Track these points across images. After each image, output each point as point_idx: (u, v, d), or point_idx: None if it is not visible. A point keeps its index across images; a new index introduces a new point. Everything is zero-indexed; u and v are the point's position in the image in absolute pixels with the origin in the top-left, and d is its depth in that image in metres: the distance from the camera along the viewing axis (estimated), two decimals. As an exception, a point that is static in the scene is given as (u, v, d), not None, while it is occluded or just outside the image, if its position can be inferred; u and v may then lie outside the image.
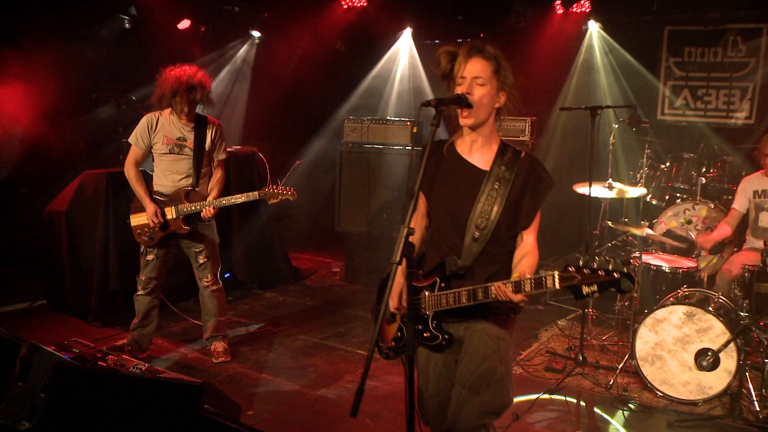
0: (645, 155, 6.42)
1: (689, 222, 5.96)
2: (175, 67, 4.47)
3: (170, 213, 4.52)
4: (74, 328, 5.42)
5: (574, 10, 7.17)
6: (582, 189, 5.32)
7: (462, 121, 2.62)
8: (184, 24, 7.82)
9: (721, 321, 4.16)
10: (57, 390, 3.09)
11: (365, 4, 7.93)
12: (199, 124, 4.62)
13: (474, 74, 2.55)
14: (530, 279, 2.39)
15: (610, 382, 4.51)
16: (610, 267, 2.26)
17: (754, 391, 4.15)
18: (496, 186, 2.61)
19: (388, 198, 6.62)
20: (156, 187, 4.61)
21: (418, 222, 2.79)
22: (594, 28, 7.54)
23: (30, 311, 5.84)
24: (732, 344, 4.10)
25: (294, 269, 7.04)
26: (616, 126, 6.83)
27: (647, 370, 4.40)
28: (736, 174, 6.03)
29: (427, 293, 2.69)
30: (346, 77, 8.45)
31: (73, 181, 5.70)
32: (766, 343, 4.07)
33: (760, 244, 4.80)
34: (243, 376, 4.61)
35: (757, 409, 4.06)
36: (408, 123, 6.63)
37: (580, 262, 2.31)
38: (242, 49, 8.55)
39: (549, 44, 7.35)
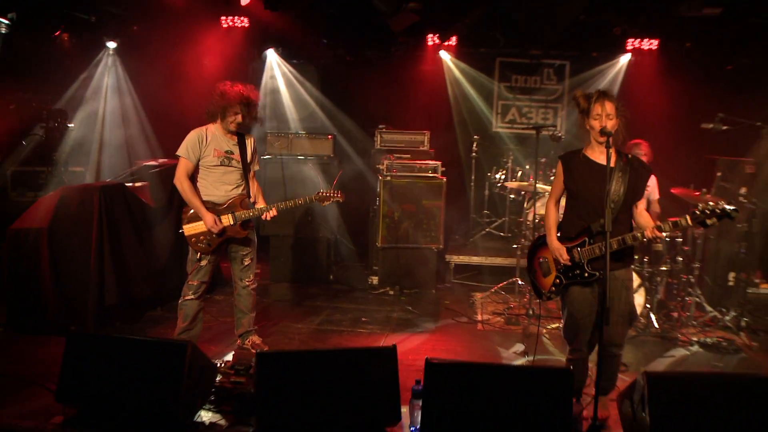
0: (510, 160, 8.47)
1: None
2: (232, 84, 5.12)
3: (227, 220, 5.12)
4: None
5: (443, 43, 8.95)
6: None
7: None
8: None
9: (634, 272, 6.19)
10: (261, 371, 3.86)
11: (247, 25, 8.71)
12: (240, 138, 5.28)
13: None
14: (668, 222, 3.98)
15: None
16: (717, 209, 3.90)
17: (654, 316, 6.25)
18: (620, 174, 4.14)
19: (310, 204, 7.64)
20: (206, 198, 5.13)
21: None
22: (446, 57, 9.44)
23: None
24: (642, 288, 6.16)
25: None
26: (477, 137, 8.83)
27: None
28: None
29: (579, 249, 4.14)
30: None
31: (46, 198, 5.73)
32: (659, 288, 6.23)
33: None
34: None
35: (657, 326, 6.16)
36: (330, 137, 7.75)
37: (698, 210, 3.93)
38: (112, 62, 8.68)
39: (417, 71, 9.09)
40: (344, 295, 7.35)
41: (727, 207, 3.84)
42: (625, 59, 9.21)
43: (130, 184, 6.27)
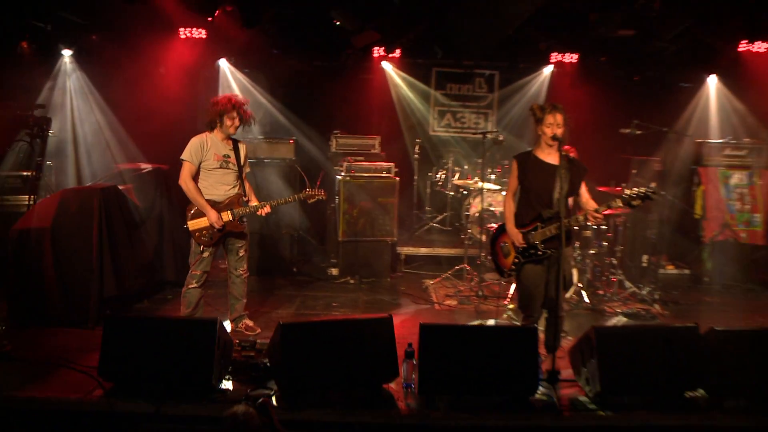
0: (450, 161, 9.52)
1: (490, 206, 9.14)
2: (227, 95, 5.88)
3: (227, 216, 5.86)
4: (77, 335, 6.02)
5: (388, 55, 9.89)
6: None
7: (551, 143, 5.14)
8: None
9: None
10: (284, 339, 4.68)
11: (204, 36, 9.35)
12: (235, 144, 6.04)
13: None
14: (605, 205, 5.05)
15: (508, 302, 7.34)
16: (641, 193, 5.01)
17: (585, 293, 7.40)
18: (564, 171, 5.18)
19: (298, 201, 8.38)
20: (207, 197, 5.85)
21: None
22: (388, 67, 10.40)
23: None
24: (574, 269, 7.30)
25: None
26: (418, 140, 9.84)
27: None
28: (507, 170, 9.44)
29: (533, 233, 5.16)
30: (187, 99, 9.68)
31: (46, 200, 6.27)
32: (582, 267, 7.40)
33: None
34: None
35: (587, 301, 7.32)
36: (291, 141, 8.54)
37: (627, 193, 5.02)
38: (72, 70, 9.13)
39: (366, 79, 10.02)
40: (309, 285, 8.17)
41: (648, 191, 4.98)
42: (548, 70, 10.48)
43: (121, 187, 6.87)
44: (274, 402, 4.66)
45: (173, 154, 8.50)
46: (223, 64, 10.06)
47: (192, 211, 5.83)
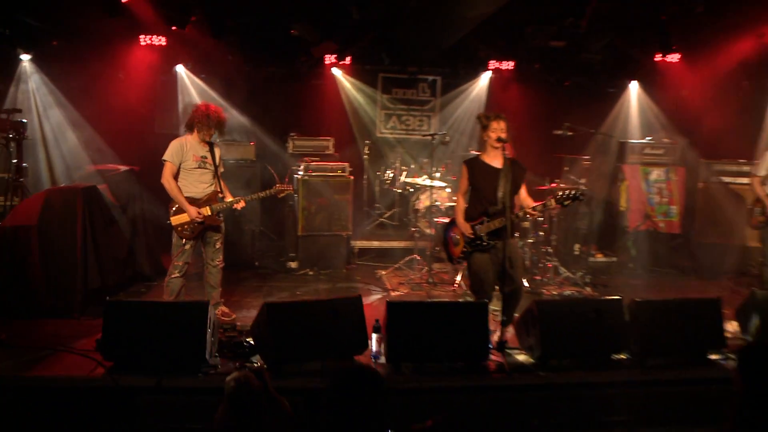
0: (398, 160, 10.35)
1: (436, 201, 9.99)
2: (205, 103, 6.53)
3: (206, 211, 6.51)
4: (64, 324, 6.52)
5: (339, 62, 10.64)
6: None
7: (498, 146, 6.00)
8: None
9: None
10: (270, 316, 5.39)
11: (164, 43, 9.90)
12: (210, 147, 6.69)
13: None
14: (541, 204, 5.95)
15: (457, 286, 8.19)
16: (571, 194, 5.93)
17: (524, 278, 8.32)
18: (507, 173, 6.05)
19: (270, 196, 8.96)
20: (187, 194, 6.49)
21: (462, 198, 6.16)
22: (338, 73, 11.16)
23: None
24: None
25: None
26: (368, 142, 10.64)
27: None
28: (457, 170, 10.33)
29: (479, 226, 6.01)
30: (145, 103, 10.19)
31: (30, 199, 6.78)
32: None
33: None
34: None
35: (527, 285, 8.23)
36: (252, 143, 9.21)
37: (559, 194, 5.93)
38: (31, 73, 9.53)
39: (318, 84, 10.78)
40: (272, 277, 8.85)
41: (577, 193, 5.91)
42: (487, 76, 11.45)
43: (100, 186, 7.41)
44: (261, 373, 5.35)
45: (133, 155, 9.14)
46: (181, 69, 10.60)
47: (174, 208, 6.46)
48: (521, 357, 5.86)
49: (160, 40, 9.85)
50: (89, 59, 9.73)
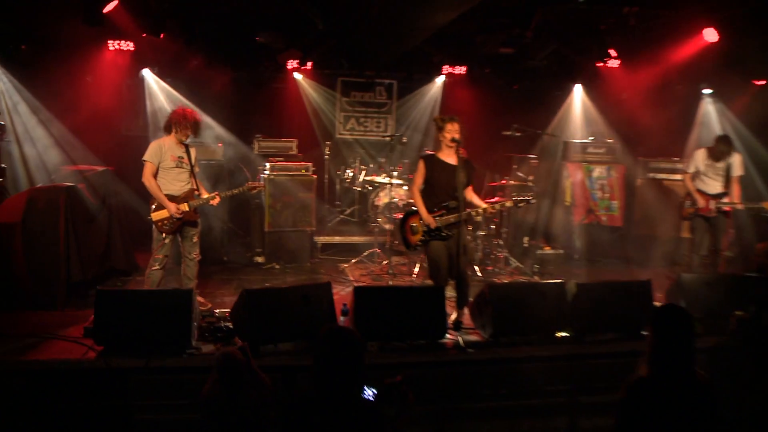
0: (357, 160, 11.03)
1: (393, 198, 10.67)
2: (182, 107, 7.09)
3: (184, 207, 7.06)
4: (49, 315, 6.98)
5: (301, 67, 11.25)
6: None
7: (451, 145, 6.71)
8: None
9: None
10: (248, 302, 6.00)
11: (132, 49, 10.37)
12: (186, 148, 7.25)
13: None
14: (499, 203, 6.69)
15: (415, 276, 8.89)
16: (525, 199, 6.71)
17: (477, 267, 9.07)
18: (461, 170, 6.76)
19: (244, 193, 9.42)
20: (166, 192, 7.02)
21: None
22: (299, 77, 11.79)
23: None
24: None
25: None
26: (328, 143, 11.28)
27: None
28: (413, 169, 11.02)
29: (438, 218, 6.71)
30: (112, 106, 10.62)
31: (13, 198, 7.23)
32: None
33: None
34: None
35: (480, 275, 8.99)
36: (220, 144, 9.77)
37: (515, 198, 6.70)
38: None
39: (281, 88, 11.40)
40: (241, 271, 9.42)
41: (528, 198, 6.70)
42: (440, 80, 12.23)
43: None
44: (240, 354, 5.94)
45: (101, 156, 9.60)
46: (147, 73, 11.06)
47: (154, 205, 6.99)
48: (475, 335, 6.57)
49: (128, 45, 10.31)
50: (58, 63, 10.09)
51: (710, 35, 8.88)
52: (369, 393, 3.73)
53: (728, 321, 6.49)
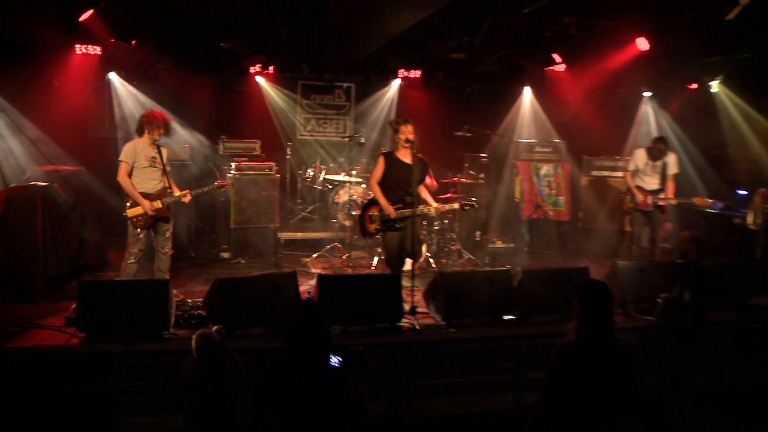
0: (318, 160, 11.63)
1: (353, 196, 11.26)
2: (151, 110, 7.61)
3: (158, 204, 7.57)
4: (27, 308, 7.38)
5: (264, 71, 11.81)
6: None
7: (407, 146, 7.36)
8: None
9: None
10: (221, 290, 6.56)
11: (99, 53, 10.78)
12: (158, 148, 7.76)
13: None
14: (449, 204, 7.38)
15: (373, 268, 9.50)
16: (471, 202, 7.43)
17: (432, 260, 9.74)
18: (416, 168, 7.42)
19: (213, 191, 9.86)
20: (140, 190, 7.51)
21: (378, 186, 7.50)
22: (261, 81, 12.33)
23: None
24: (423, 241, 9.61)
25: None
26: (290, 143, 11.85)
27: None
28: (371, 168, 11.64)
29: (397, 209, 7.37)
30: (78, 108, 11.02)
31: (-9, 196, 7.66)
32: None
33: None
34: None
35: (434, 266, 9.65)
36: (186, 145, 10.28)
37: (463, 201, 7.40)
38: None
39: (244, 90, 11.94)
40: (208, 265, 9.92)
41: (473, 203, 7.42)
42: (396, 83, 12.91)
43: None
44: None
45: (67, 157, 10.02)
46: (113, 77, 11.47)
47: (129, 202, 7.49)
48: (429, 319, 7.20)
49: (96, 50, 10.71)
50: (26, 66, 10.42)
51: (642, 44, 9.63)
52: (335, 360, 4.36)
53: (656, 303, 7.23)
